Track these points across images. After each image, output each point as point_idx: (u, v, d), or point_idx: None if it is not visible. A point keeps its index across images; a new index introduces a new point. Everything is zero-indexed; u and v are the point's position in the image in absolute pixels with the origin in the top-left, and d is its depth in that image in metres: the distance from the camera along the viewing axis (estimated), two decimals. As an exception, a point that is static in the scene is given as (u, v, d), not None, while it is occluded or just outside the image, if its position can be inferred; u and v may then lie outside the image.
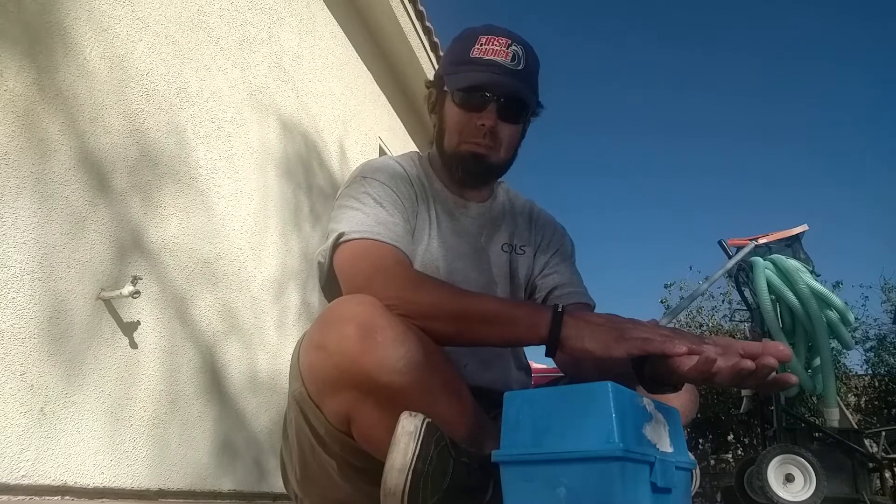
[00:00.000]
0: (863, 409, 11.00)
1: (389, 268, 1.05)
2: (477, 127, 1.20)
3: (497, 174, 1.30)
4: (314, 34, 3.85)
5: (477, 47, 1.20)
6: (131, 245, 2.27)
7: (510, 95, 1.20)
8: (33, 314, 1.85)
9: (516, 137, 1.26)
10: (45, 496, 1.85)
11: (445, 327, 0.98)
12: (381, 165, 1.25)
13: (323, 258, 1.13)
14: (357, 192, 1.17)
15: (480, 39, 1.21)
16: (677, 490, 0.83)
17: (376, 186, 1.18)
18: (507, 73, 1.19)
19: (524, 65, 1.21)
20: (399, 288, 1.00)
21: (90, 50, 2.16)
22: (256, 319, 3.00)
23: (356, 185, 1.19)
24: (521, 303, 1.25)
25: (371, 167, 1.24)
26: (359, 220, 1.11)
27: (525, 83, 1.21)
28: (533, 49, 1.25)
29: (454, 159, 1.24)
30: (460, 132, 1.22)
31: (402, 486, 0.81)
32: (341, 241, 1.09)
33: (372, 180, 1.19)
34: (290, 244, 3.34)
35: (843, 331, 4.11)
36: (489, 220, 1.33)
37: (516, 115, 1.23)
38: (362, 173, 1.22)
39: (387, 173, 1.22)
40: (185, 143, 2.61)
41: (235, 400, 2.79)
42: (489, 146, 1.22)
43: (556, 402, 0.80)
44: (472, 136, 1.21)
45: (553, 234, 1.39)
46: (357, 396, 0.90)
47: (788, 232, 4.46)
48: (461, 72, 1.21)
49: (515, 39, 1.22)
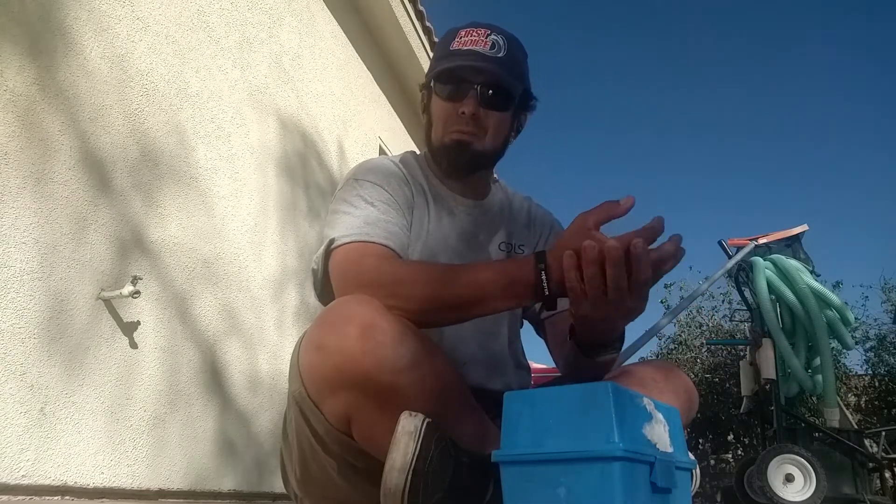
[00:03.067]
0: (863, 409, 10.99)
1: (372, 267, 1.04)
2: (458, 115, 1.20)
3: (484, 163, 1.28)
4: (314, 34, 3.85)
5: (456, 40, 1.21)
6: (131, 245, 2.27)
7: (490, 82, 1.19)
8: (33, 314, 1.85)
9: (504, 126, 1.25)
10: (45, 496, 1.85)
11: (442, 316, 1.00)
12: (374, 166, 1.25)
13: (316, 265, 1.14)
14: (349, 196, 1.17)
15: (460, 33, 1.22)
16: (677, 490, 0.83)
17: (368, 187, 1.18)
18: (485, 59, 1.19)
19: (505, 52, 1.21)
20: (384, 284, 1.00)
21: (90, 50, 2.16)
22: (256, 319, 3.00)
23: (348, 188, 1.20)
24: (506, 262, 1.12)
25: (363, 168, 1.25)
26: (349, 223, 1.11)
27: (506, 70, 1.20)
28: (517, 40, 1.25)
29: (440, 151, 1.25)
30: (444, 122, 1.22)
31: (403, 486, 0.81)
32: (332, 247, 1.10)
33: (363, 181, 1.19)
34: (290, 244, 3.34)
35: (843, 331, 4.11)
36: (487, 219, 1.32)
37: (500, 102, 1.22)
38: (354, 175, 1.22)
39: (380, 173, 1.22)
40: (186, 143, 2.61)
41: (235, 400, 2.79)
42: (472, 133, 1.21)
43: (556, 402, 0.80)
44: (454, 124, 1.21)
45: (550, 231, 1.38)
46: (357, 396, 0.90)
47: (788, 232, 4.46)
48: (441, 65, 1.21)
49: (496, 30, 1.22)
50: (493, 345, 1.25)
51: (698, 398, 1.20)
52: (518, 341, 1.34)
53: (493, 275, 0.98)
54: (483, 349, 1.23)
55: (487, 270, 1.00)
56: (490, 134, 1.22)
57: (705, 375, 10.97)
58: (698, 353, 11.34)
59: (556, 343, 1.26)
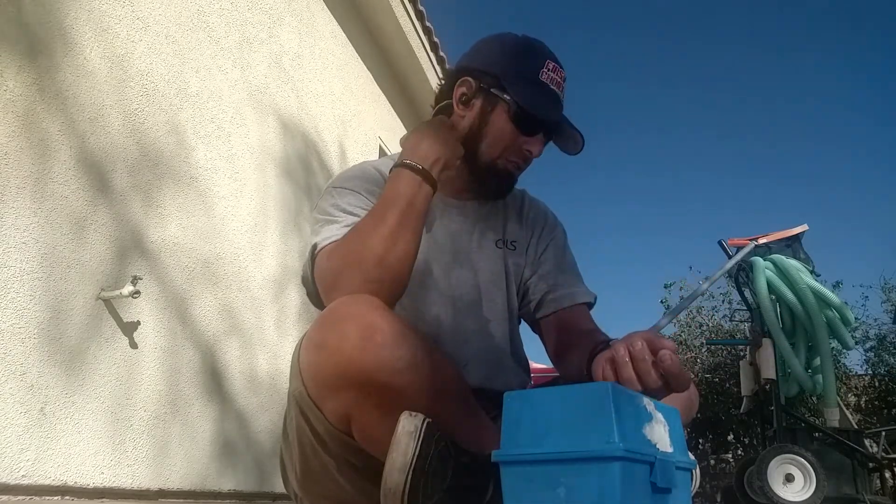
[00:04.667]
0: (863, 409, 10.99)
1: (355, 262, 1.05)
2: (523, 150, 1.22)
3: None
4: (314, 34, 3.85)
5: (546, 72, 1.21)
6: (131, 245, 2.27)
7: (558, 132, 1.24)
8: (33, 314, 1.85)
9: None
10: (45, 496, 1.85)
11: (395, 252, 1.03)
12: (352, 174, 1.26)
13: (305, 273, 1.17)
14: (327, 205, 1.19)
15: (549, 65, 1.21)
16: (677, 490, 0.83)
17: (346, 195, 1.20)
18: (560, 108, 1.22)
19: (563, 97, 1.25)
20: (364, 274, 1.01)
21: (90, 50, 2.16)
22: (256, 319, 3.00)
23: (327, 196, 1.21)
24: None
25: (342, 177, 1.26)
26: (329, 229, 1.13)
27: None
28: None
29: (488, 171, 1.24)
30: (505, 148, 1.22)
31: (403, 486, 0.81)
32: (316, 251, 1.12)
33: (341, 189, 1.21)
34: (289, 244, 3.34)
35: (843, 331, 4.11)
36: (482, 217, 1.32)
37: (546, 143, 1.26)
38: (333, 184, 1.24)
39: (359, 180, 1.23)
40: (185, 143, 2.61)
41: (235, 400, 2.79)
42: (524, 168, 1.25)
43: (556, 402, 0.80)
44: (514, 155, 1.22)
45: (544, 226, 1.38)
46: (357, 396, 0.90)
47: (788, 232, 4.46)
48: (530, 92, 1.20)
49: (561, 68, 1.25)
50: (492, 345, 1.25)
51: (698, 398, 1.19)
52: (518, 341, 1.34)
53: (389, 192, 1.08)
54: (483, 349, 1.23)
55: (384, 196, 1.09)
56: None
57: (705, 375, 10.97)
58: (698, 353, 11.33)
59: (552, 344, 1.27)
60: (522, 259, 1.33)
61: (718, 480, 10.26)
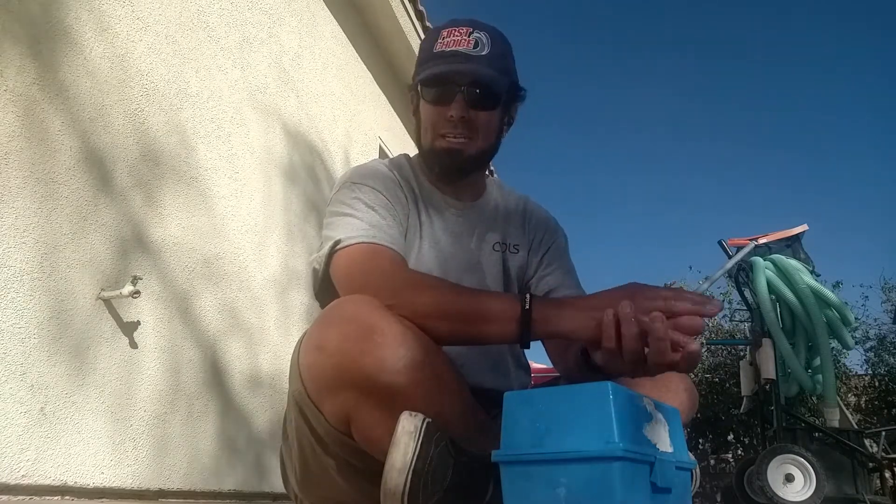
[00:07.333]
0: (863, 409, 11.00)
1: (386, 269, 1.05)
2: (447, 119, 1.20)
3: (477, 165, 1.28)
4: (314, 34, 3.85)
5: (439, 41, 1.21)
6: (132, 244, 2.27)
7: (475, 82, 1.19)
8: (33, 314, 1.85)
9: (493, 124, 1.24)
10: (45, 496, 1.85)
11: (444, 326, 0.97)
12: (369, 171, 1.25)
13: (318, 265, 1.13)
14: (348, 199, 1.17)
15: (442, 34, 1.21)
16: (677, 490, 0.83)
17: (367, 192, 1.18)
18: (469, 59, 1.18)
19: (489, 49, 1.19)
20: (397, 288, 1.00)
21: (91, 49, 2.16)
22: (257, 319, 3.00)
23: (346, 190, 1.19)
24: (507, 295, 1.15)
25: (359, 173, 1.24)
26: (353, 225, 1.11)
27: (491, 67, 1.19)
28: (500, 32, 1.24)
29: (431, 156, 1.25)
30: (433, 127, 1.22)
31: (402, 486, 0.81)
32: (338, 248, 1.09)
33: (362, 185, 1.19)
34: (290, 243, 3.34)
35: (843, 331, 4.11)
36: (481, 220, 1.32)
37: (488, 101, 1.21)
38: (351, 179, 1.22)
39: (376, 178, 1.23)
40: (186, 143, 2.61)
41: (236, 400, 2.79)
42: (465, 137, 1.21)
43: (555, 402, 0.80)
44: (443, 129, 1.21)
45: (546, 231, 1.38)
46: (357, 397, 0.90)
47: (788, 232, 4.46)
48: (426, 68, 1.21)
49: (478, 26, 1.21)
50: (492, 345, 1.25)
51: (698, 398, 1.20)
52: None
53: (500, 304, 0.98)
54: (483, 349, 1.23)
55: (495, 299, 1.02)
56: (481, 135, 1.22)
57: (705, 375, 10.98)
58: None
59: (551, 345, 1.26)
60: (524, 262, 1.33)
61: (718, 480, 10.26)
